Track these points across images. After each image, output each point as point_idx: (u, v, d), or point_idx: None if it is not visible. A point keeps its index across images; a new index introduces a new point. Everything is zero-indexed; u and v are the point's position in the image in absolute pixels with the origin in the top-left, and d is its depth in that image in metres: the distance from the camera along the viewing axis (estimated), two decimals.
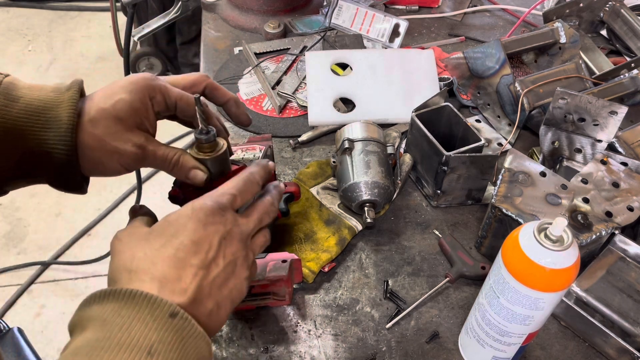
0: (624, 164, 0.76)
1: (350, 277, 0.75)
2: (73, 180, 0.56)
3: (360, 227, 0.79)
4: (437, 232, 0.80)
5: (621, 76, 0.96)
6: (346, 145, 0.81)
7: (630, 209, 0.71)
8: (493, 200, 0.72)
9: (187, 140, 2.30)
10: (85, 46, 2.85)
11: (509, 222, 0.71)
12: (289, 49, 1.11)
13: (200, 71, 0.94)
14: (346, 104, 0.99)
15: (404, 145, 0.92)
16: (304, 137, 0.94)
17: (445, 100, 0.86)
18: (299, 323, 0.70)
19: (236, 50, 1.13)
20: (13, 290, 1.84)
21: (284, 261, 0.67)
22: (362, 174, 0.78)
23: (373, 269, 0.76)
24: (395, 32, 1.12)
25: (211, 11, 1.23)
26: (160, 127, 0.60)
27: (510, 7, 1.27)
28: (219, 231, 0.47)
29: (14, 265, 1.89)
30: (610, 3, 1.09)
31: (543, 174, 0.74)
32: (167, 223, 0.47)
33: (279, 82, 1.04)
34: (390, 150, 0.83)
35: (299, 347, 0.68)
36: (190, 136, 2.18)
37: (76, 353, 0.39)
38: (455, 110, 0.83)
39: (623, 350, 0.64)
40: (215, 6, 1.23)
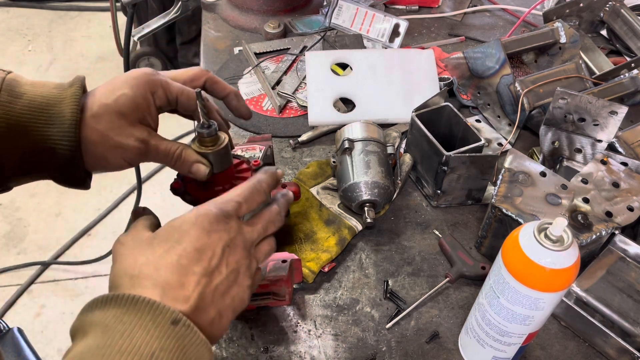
0: (624, 164, 0.76)
1: (350, 277, 0.75)
2: (76, 176, 0.56)
3: (360, 227, 0.79)
4: (437, 232, 0.80)
5: (621, 76, 0.96)
6: (346, 145, 0.81)
7: (630, 209, 0.71)
8: (493, 200, 0.72)
9: (186, 141, 2.30)
10: (85, 46, 2.85)
11: (509, 222, 0.71)
12: (289, 49, 1.11)
13: None
14: (346, 104, 0.99)
15: (404, 145, 0.92)
16: (304, 137, 0.94)
17: (445, 100, 0.86)
18: (299, 323, 0.70)
19: (236, 50, 1.13)
20: (13, 290, 1.84)
21: (284, 261, 0.67)
22: (362, 174, 0.78)
23: (373, 269, 0.76)
24: (395, 32, 1.12)
25: (211, 11, 1.23)
26: (159, 127, 0.60)
27: (510, 7, 1.27)
28: (222, 239, 0.46)
29: (14, 265, 1.89)
30: (610, 3, 1.09)
31: (543, 174, 0.74)
32: (171, 228, 0.47)
33: (279, 82, 1.04)
34: (390, 150, 0.83)
35: (299, 347, 0.68)
36: (190, 136, 2.18)
37: (77, 359, 0.39)
38: (455, 110, 0.83)
39: (623, 350, 0.64)
40: (215, 6, 1.23)
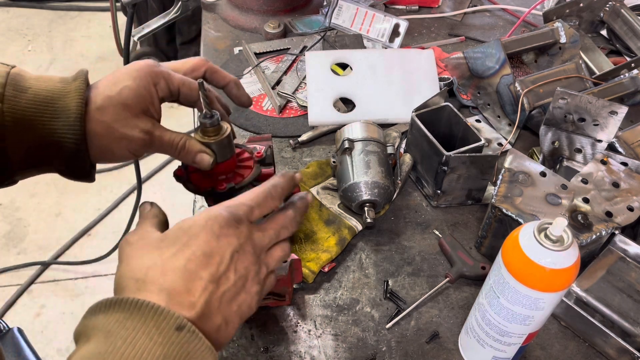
0: (624, 164, 0.76)
1: (350, 277, 0.75)
2: (82, 169, 0.57)
3: (360, 227, 0.79)
4: (437, 232, 0.80)
5: (621, 76, 0.96)
6: (346, 145, 0.81)
7: (630, 209, 0.71)
8: (493, 200, 0.72)
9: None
10: (85, 46, 2.85)
11: (509, 222, 0.71)
12: (289, 49, 1.11)
13: None
14: (346, 104, 0.99)
15: (404, 145, 0.92)
16: (304, 137, 0.94)
17: (445, 100, 0.86)
18: (299, 323, 0.70)
19: (236, 50, 1.13)
20: (13, 290, 1.84)
21: (284, 261, 0.67)
22: (362, 174, 0.78)
23: (373, 269, 0.76)
24: (395, 32, 1.12)
25: (211, 11, 1.23)
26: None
27: (510, 7, 1.27)
28: (231, 244, 0.46)
29: (14, 265, 1.89)
30: (610, 3, 1.09)
31: (543, 174, 0.74)
32: (180, 231, 0.46)
33: (279, 82, 1.04)
34: (390, 150, 0.83)
35: (299, 347, 0.68)
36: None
37: None
38: (455, 110, 0.83)
39: (623, 350, 0.64)
40: (215, 6, 1.23)
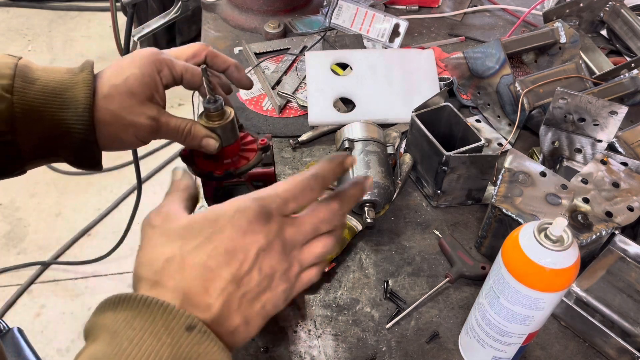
0: (624, 164, 0.76)
1: (350, 277, 0.75)
2: (91, 158, 0.58)
3: (360, 227, 0.79)
4: (437, 232, 0.80)
5: (621, 76, 0.96)
6: (346, 145, 0.81)
7: (630, 209, 0.71)
8: (493, 200, 0.72)
9: (179, 145, 2.31)
10: (85, 46, 2.85)
11: (509, 222, 0.71)
12: (289, 49, 1.11)
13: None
14: (346, 104, 0.99)
15: (404, 145, 0.92)
16: (304, 137, 0.94)
17: (445, 100, 0.86)
18: (299, 323, 0.70)
19: (236, 50, 1.13)
20: (13, 290, 1.84)
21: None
22: (362, 174, 0.78)
23: (373, 269, 0.76)
24: (395, 32, 1.12)
25: (211, 11, 1.23)
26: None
27: (510, 7, 1.27)
28: (258, 242, 0.42)
29: (14, 265, 1.89)
30: (610, 3, 1.09)
31: (543, 174, 0.74)
32: (206, 221, 0.42)
33: (279, 82, 1.04)
34: (390, 150, 0.83)
35: (299, 347, 0.68)
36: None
37: None
38: (455, 110, 0.83)
39: (623, 350, 0.64)
40: (215, 6, 1.23)
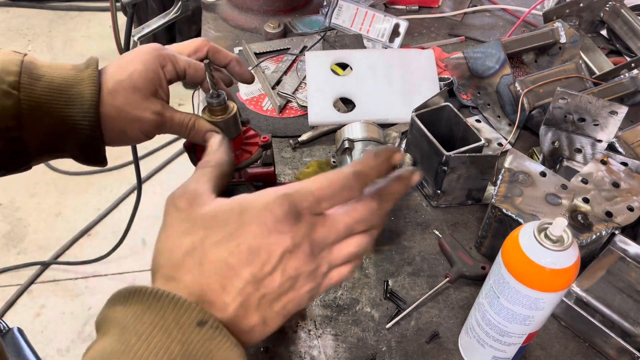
0: (624, 164, 0.76)
1: (350, 277, 0.75)
2: (97, 154, 0.59)
3: None
4: (437, 232, 0.80)
5: (621, 76, 0.96)
6: (346, 145, 0.81)
7: (630, 209, 0.71)
8: (493, 200, 0.72)
9: (179, 145, 2.34)
10: (85, 46, 2.85)
11: (509, 222, 0.71)
12: (289, 49, 1.11)
13: None
14: (346, 104, 0.99)
15: (404, 145, 0.92)
16: (304, 137, 0.94)
17: (445, 100, 0.86)
18: (299, 323, 0.70)
19: (236, 50, 1.13)
20: (13, 290, 1.84)
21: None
22: None
23: (373, 269, 0.76)
24: (395, 32, 1.12)
25: (211, 11, 1.23)
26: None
27: (510, 7, 1.27)
28: (283, 243, 0.39)
29: (14, 265, 1.89)
30: (610, 3, 1.09)
31: (543, 174, 0.74)
32: (233, 214, 0.40)
33: (279, 82, 1.04)
34: None
35: (299, 347, 0.68)
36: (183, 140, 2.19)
37: None
38: (455, 110, 0.83)
39: (623, 350, 0.64)
40: (215, 6, 1.23)
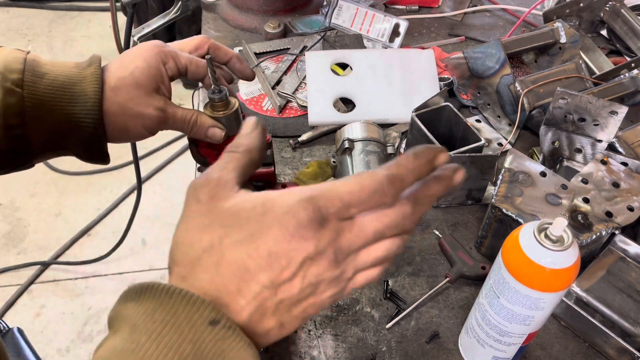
0: (624, 164, 0.76)
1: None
2: (100, 152, 0.59)
3: None
4: (437, 232, 0.80)
5: (621, 76, 0.96)
6: (346, 145, 0.81)
7: (631, 209, 0.71)
8: (493, 200, 0.72)
9: (179, 145, 2.35)
10: (85, 46, 2.85)
11: (509, 222, 0.71)
12: (289, 49, 1.11)
13: None
14: (346, 104, 0.99)
15: (404, 145, 0.92)
16: (304, 137, 0.94)
17: (445, 100, 0.86)
18: None
19: (236, 50, 1.13)
20: (13, 290, 1.84)
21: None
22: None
23: None
24: (395, 32, 1.12)
25: (211, 11, 1.23)
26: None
27: (510, 7, 1.27)
28: (305, 249, 0.37)
29: (14, 265, 1.89)
30: (610, 3, 1.09)
31: (543, 174, 0.74)
32: (254, 212, 0.38)
33: (279, 82, 1.04)
34: (390, 150, 0.83)
35: (299, 347, 0.68)
36: (183, 140, 2.19)
37: None
38: (455, 110, 0.83)
39: (623, 350, 0.64)
40: (215, 6, 1.23)
